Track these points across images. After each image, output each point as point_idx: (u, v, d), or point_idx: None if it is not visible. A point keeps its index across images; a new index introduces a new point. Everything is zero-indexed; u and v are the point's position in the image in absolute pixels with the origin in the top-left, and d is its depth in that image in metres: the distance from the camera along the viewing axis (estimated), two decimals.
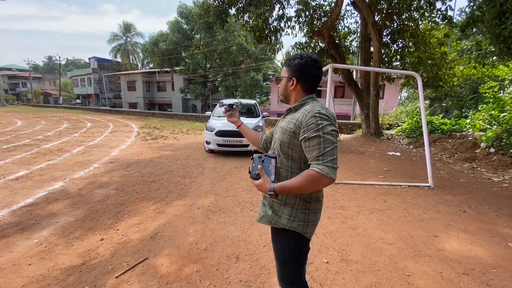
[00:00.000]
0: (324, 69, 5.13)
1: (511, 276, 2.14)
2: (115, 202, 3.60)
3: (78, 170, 5.18)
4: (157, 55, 24.43)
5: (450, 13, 7.52)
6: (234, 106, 1.62)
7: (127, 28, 39.92)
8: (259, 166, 1.15)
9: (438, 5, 7.36)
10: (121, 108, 30.06)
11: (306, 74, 1.22)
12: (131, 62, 41.37)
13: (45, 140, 8.71)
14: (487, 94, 7.41)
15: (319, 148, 1.05)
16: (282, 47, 11.06)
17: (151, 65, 32.60)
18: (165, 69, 27.08)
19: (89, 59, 42.52)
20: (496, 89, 7.46)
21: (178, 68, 25.51)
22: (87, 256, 2.37)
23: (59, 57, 42.90)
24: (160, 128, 13.10)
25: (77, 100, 43.86)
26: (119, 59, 40.96)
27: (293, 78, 1.22)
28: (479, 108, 8.60)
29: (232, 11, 9.09)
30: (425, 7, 7.53)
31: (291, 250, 1.25)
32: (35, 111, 27.52)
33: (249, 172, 1.19)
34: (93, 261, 2.30)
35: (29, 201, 3.61)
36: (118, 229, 2.86)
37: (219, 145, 6.49)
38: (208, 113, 8.06)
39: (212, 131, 6.53)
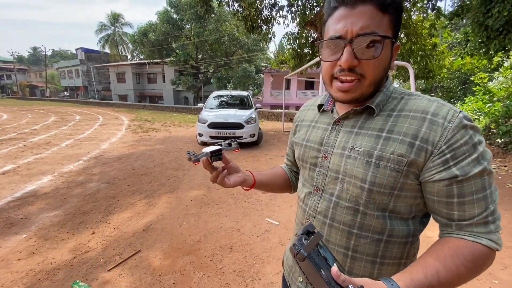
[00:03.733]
0: (316, 60, 5.11)
1: (495, 261, 2.21)
2: (106, 196, 3.55)
3: (67, 163, 5.07)
4: (147, 46, 23.83)
5: (439, 4, 7.65)
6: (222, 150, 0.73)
7: (115, 18, 38.67)
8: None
9: None
10: (110, 101, 29.37)
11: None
12: (120, 53, 40.19)
13: (32, 133, 8.47)
14: (477, 87, 7.54)
15: (486, 198, 0.53)
16: (274, 37, 10.90)
17: (141, 56, 31.81)
18: (155, 61, 26.50)
19: (76, 50, 41.16)
20: (486, 80, 7.59)
21: (168, 59, 24.98)
22: (78, 250, 2.34)
23: (45, 48, 41.33)
24: (151, 120, 12.90)
25: (65, 93, 42.66)
26: (107, 50, 39.74)
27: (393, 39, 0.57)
28: (466, 100, 8.76)
29: None
30: None
31: None
32: (21, 104, 26.66)
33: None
34: (84, 255, 2.27)
35: (16, 195, 3.52)
36: (109, 223, 2.83)
37: (211, 137, 6.43)
38: (200, 105, 7.94)
39: (204, 123, 6.47)
